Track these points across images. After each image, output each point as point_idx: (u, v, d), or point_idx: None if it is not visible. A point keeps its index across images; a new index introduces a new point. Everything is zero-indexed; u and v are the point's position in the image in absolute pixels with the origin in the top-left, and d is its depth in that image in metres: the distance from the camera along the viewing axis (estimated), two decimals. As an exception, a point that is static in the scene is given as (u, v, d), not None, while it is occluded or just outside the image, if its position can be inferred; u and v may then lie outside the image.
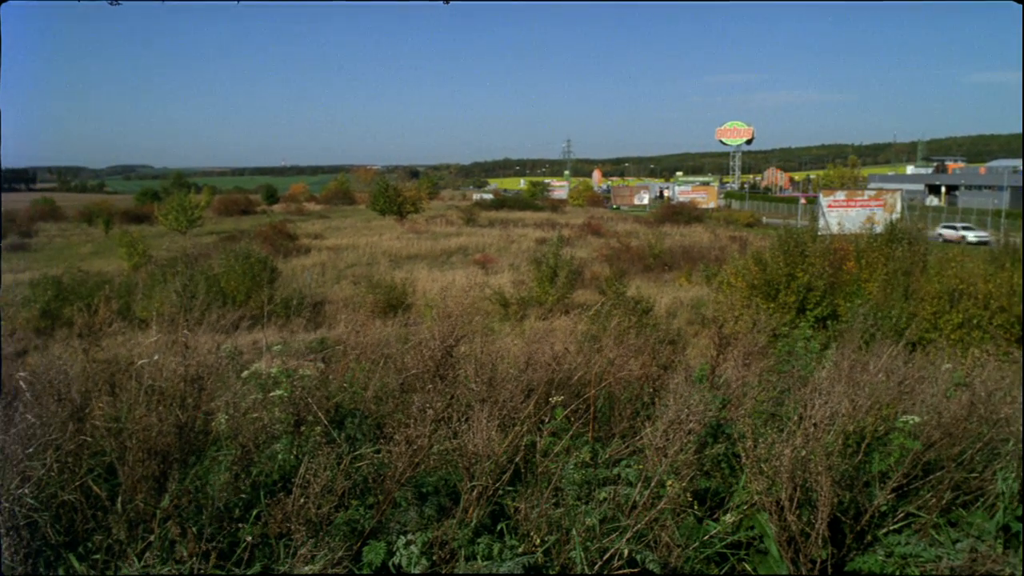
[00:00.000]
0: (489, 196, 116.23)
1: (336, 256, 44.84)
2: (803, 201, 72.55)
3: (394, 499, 3.09)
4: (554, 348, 4.59)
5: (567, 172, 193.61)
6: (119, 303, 23.85)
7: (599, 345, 4.85)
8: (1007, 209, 59.72)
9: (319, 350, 5.83)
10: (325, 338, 8.87)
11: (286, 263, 38.78)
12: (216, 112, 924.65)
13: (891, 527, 3.18)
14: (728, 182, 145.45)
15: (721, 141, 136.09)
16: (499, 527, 3.06)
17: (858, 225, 35.05)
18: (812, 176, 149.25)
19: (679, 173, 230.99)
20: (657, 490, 3.02)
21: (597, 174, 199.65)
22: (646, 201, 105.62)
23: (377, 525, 3.00)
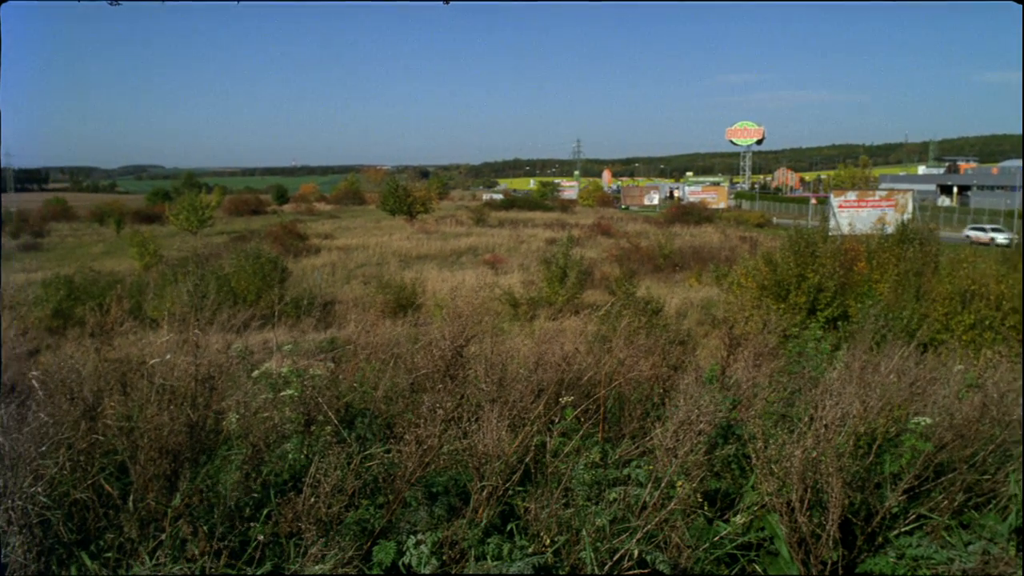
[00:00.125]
0: (499, 196, 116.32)
1: (346, 256, 44.95)
2: (814, 201, 72.25)
3: (404, 499, 3.10)
4: (564, 348, 4.57)
5: (577, 172, 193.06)
6: (130, 303, 24.07)
7: (609, 345, 4.84)
8: (1020, 209, 59.30)
9: (329, 350, 5.85)
10: (335, 338, 8.90)
11: (296, 263, 38.87)
12: (227, 113, 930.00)
13: (902, 529, 3.16)
14: (738, 182, 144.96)
15: (731, 141, 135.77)
16: (509, 527, 3.05)
17: (869, 225, 34.78)
18: (823, 176, 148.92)
19: (689, 173, 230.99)
20: (667, 491, 3.01)
21: (607, 174, 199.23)
22: (656, 201, 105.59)
23: (387, 525, 3.00)
